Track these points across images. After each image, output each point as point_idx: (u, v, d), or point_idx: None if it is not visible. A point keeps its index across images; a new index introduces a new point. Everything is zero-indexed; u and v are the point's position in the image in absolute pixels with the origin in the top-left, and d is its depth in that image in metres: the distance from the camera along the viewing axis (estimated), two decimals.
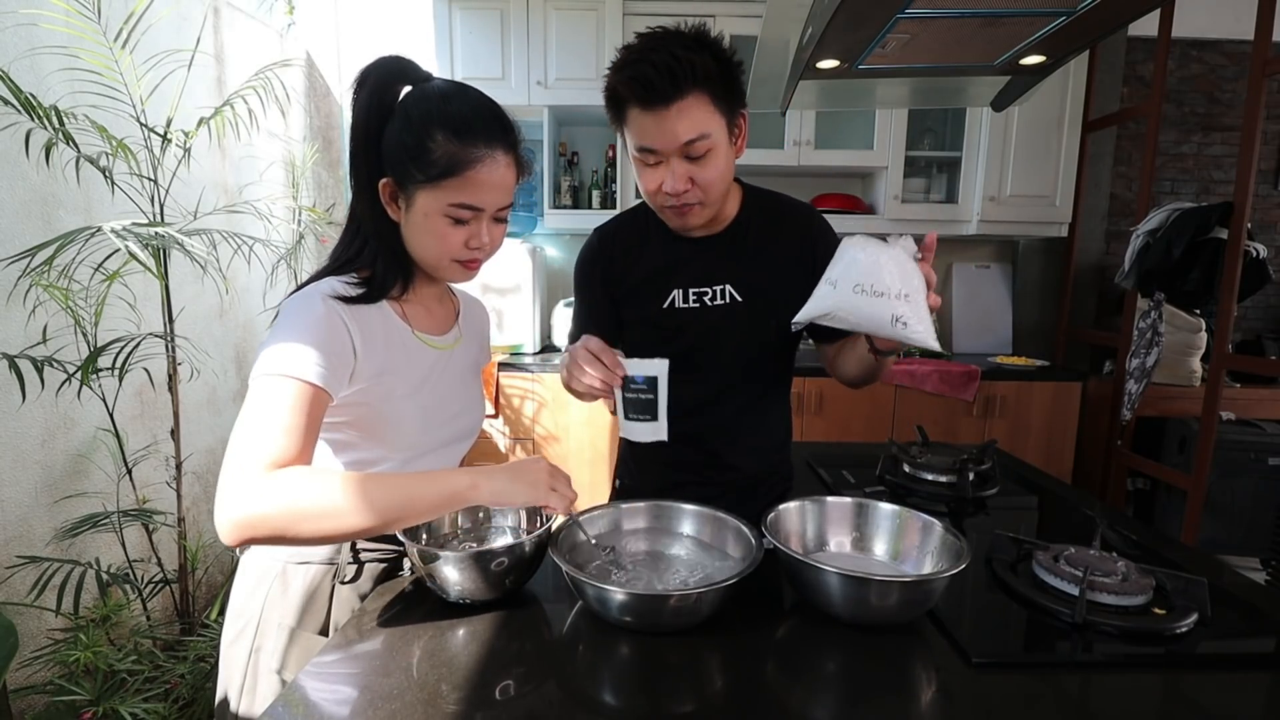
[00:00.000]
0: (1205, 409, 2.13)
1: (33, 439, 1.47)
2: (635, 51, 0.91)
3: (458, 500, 0.74)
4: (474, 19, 2.59)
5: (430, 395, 0.87)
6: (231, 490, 0.65)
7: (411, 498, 0.71)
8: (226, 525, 0.65)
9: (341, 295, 0.78)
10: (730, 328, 1.07)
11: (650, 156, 0.94)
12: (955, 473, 1.20)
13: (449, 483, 0.73)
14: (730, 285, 1.07)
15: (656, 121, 0.90)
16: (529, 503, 0.77)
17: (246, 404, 0.70)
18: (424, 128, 0.76)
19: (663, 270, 1.08)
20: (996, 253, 3.10)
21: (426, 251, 0.83)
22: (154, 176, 1.57)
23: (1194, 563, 0.92)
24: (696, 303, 1.07)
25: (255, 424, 0.68)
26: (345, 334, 0.76)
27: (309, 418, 0.71)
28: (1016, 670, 0.69)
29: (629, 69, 0.90)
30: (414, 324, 0.87)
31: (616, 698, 0.64)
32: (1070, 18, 0.93)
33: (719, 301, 1.07)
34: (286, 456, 0.68)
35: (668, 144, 0.91)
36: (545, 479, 0.77)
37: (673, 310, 1.07)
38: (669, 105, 0.89)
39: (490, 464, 0.79)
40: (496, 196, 0.81)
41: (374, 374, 0.79)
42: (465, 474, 0.74)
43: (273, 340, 0.73)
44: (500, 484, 0.75)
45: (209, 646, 1.55)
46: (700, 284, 1.07)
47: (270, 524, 0.65)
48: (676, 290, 1.07)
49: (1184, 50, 2.99)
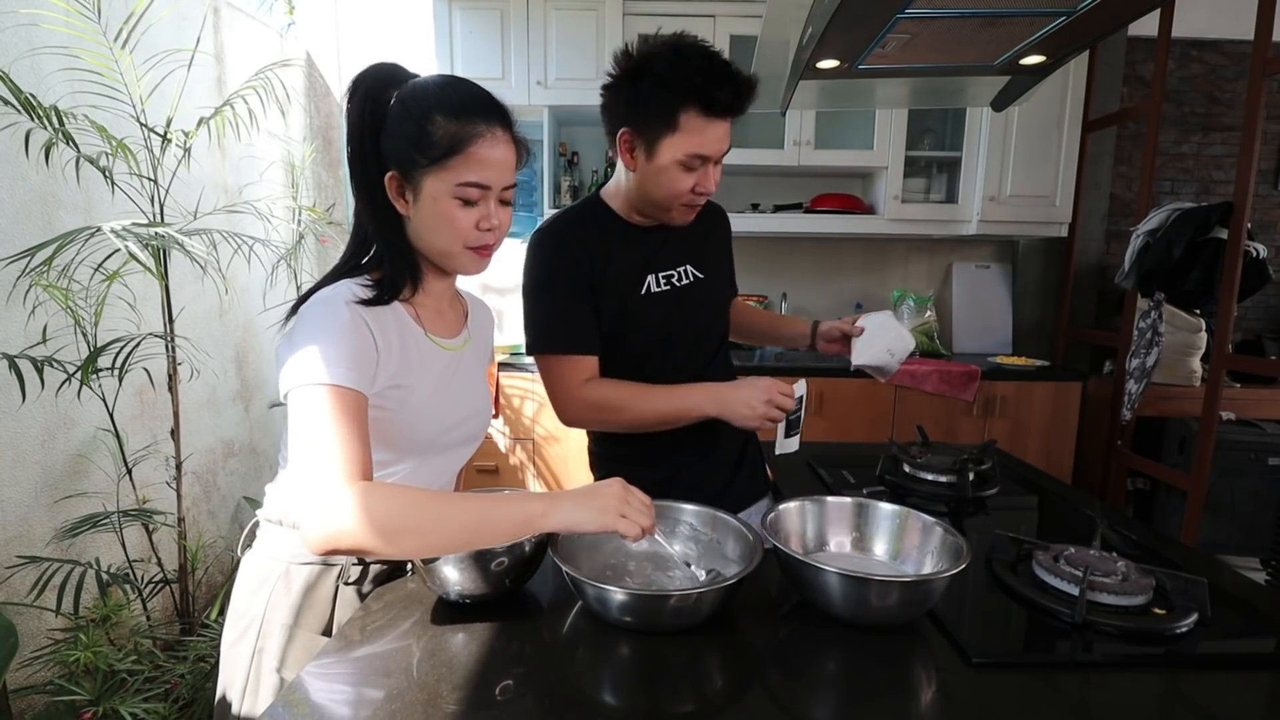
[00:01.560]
0: (1205, 409, 2.13)
1: (33, 439, 1.47)
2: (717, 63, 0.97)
3: (530, 528, 0.73)
4: (474, 19, 2.59)
5: (442, 398, 0.87)
6: (320, 503, 0.68)
7: (488, 522, 0.71)
8: (317, 537, 0.67)
9: (361, 299, 0.79)
10: (697, 304, 1.17)
11: (698, 161, 1.01)
12: (955, 473, 1.20)
13: (523, 509, 0.73)
14: (691, 265, 1.17)
15: (721, 130, 1.00)
16: (600, 530, 0.74)
17: (300, 416, 0.71)
18: (423, 114, 0.78)
19: (636, 258, 1.12)
20: (996, 253, 3.10)
21: (439, 239, 0.82)
22: (154, 176, 1.57)
23: (1194, 563, 0.92)
24: (667, 285, 1.14)
25: (321, 435, 0.70)
26: (370, 337, 0.77)
27: (361, 422, 0.73)
28: (1016, 670, 0.69)
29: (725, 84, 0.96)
30: (427, 326, 0.87)
31: (616, 698, 0.64)
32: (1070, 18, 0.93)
33: (685, 281, 1.16)
34: (360, 463, 0.70)
35: (718, 151, 1.02)
36: (615, 504, 0.74)
37: (649, 295, 1.12)
38: (724, 120, 1.00)
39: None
40: (500, 173, 0.81)
41: (391, 376, 0.80)
42: (539, 500, 0.74)
43: (302, 346, 0.73)
44: (571, 511, 0.73)
45: (209, 646, 1.55)
46: (668, 267, 1.14)
47: (355, 538, 0.67)
48: (650, 276, 1.12)
49: (1184, 50, 2.99)
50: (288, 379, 0.72)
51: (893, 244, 3.08)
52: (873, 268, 3.12)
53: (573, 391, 1.09)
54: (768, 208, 2.83)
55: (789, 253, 3.08)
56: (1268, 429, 2.47)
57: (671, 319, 1.14)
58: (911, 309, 2.92)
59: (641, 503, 0.76)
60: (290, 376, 0.72)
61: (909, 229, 2.77)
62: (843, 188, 2.94)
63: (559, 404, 1.12)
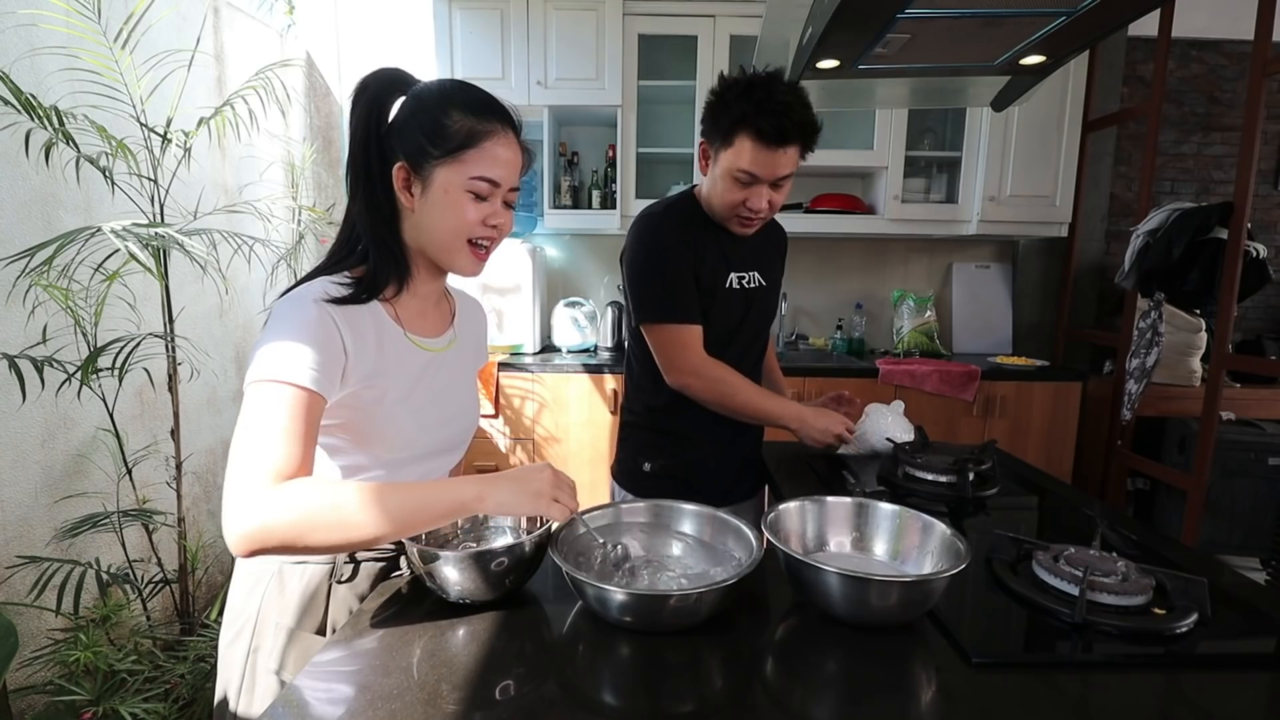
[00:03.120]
0: (1205, 409, 2.13)
1: (33, 439, 1.47)
2: (777, 99, 1.10)
3: (463, 510, 0.74)
4: (474, 19, 2.59)
5: (422, 399, 0.87)
6: (239, 502, 0.66)
7: (418, 508, 0.72)
8: (236, 537, 0.65)
9: (333, 297, 0.78)
10: (760, 306, 1.36)
11: (748, 178, 1.16)
12: (955, 473, 1.20)
13: (456, 493, 0.74)
14: (758, 272, 1.34)
15: (771, 157, 1.14)
16: (532, 513, 0.78)
17: (244, 411, 0.70)
18: (441, 108, 0.80)
19: (722, 256, 1.28)
20: (996, 253, 3.10)
21: (445, 231, 0.83)
22: (154, 176, 1.57)
23: (1194, 563, 0.92)
24: (739, 285, 1.31)
25: (256, 433, 0.69)
26: (336, 335, 0.76)
27: (308, 424, 0.71)
28: (1016, 670, 0.69)
29: (770, 116, 1.10)
30: (406, 325, 0.87)
31: (616, 698, 0.64)
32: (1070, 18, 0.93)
33: (753, 285, 1.33)
34: (290, 465, 0.69)
35: (769, 175, 1.16)
36: (548, 489, 0.77)
37: (729, 289, 1.29)
38: (782, 148, 1.13)
39: (496, 471, 0.80)
40: (510, 172, 0.84)
41: (365, 376, 0.79)
42: (472, 483, 0.75)
43: (265, 344, 0.73)
44: (504, 494, 0.75)
45: (209, 646, 1.55)
46: (742, 269, 1.31)
47: (279, 535, 0.66)
48: (732, 273, 1.30)
49: (1184, 50, 2.99)
50: (249, 374, 0.72)
51: (893, 244, 3.08)
52: (873, 268, 3.11)
53: (695, 358, 1.25)
54: None
55: (789, 253, 3.08)
56: (1268, 429, 2.47)
57: (741, 316, 1.32)
58: (911, 309, 2.92)
59: (570, 486, 0.81)
60: (250, 371, 0.72)
61: (909, 229, 2.77)
62: (843, 188, 2.94)
63: (678, 365, 1.26)
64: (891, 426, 1.37)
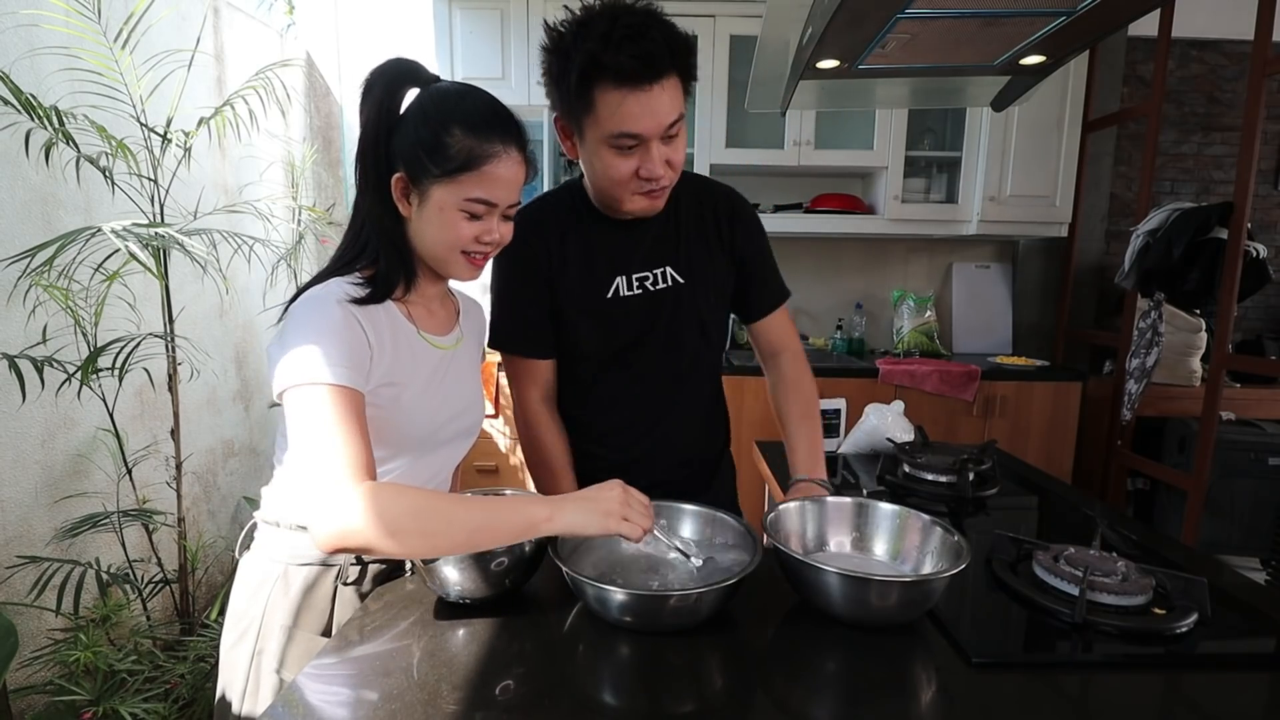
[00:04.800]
0: (1205, 409, 2.12)
1: (33, 439, 1.47)
2: (621, 26, 0.84)
3: (533, 531, 0.74)
4: (474, 19, 2.59)
5: (436, 395, 0.87)
6: (329, 501, 0.68)
7: (493, 524, 0.72)
8: (326, 535, 0.68)
9: (353, 298, 0.79)
10: (674, 310, 1.06)
11: (628, 140, 0.89)
12: (955, 473, 1.20)
13: (529, 512, 0.74)
14: (670, 267, 1.05)
15: (645, 101, 0.86)
16: (603, 533, 0.76)
17: (300, 416, 0.71)
18: (441, 123, 0.78)
19: (603, 257, 1.04)
20: (996, 253, 3.10)
21: (437, 245, 0.83)
22: (154, 176, 1.57)
23: (1194, 563, 0.92)
24: (639, 289, 1.04)
25: (324, 435, 0.70)
26: (361, 334, 0.77)
27: (360, 418, 0.73)
28: (1016, 670, 0.69)
29: (621, 50, 0.83)
30: (419, 324, 0.87)
31: (616, 698, 0.64)
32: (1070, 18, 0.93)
33: (661, 285, 1.05)
34: (364, 462, 0.71)
35: (653, 127, 0.88)
36: (618, 508, 0.76)
37: (617, 299, 1.04)
38: (652, 87, 0.86)
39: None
40: (509, 192, 0.82)
41: (385, 374, 0.80)
42: (543, 504, 0.75)
43: (296, 346, 0.73)
44: (574, 515, 0.75)
45: (209, 646, 1.55)
46: (642, 268, 1.04)
47: (363, 537, 0.67)
48: (620, 277, 1.04)
49: (1184, 50, 2.99)
50: (283, 379, 0.72)
51: (893, 244, 3.08)
52: (873, 268, 3.11)
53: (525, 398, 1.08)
54: (768, 208, 2.83)
55: (789, 253, 3.08)
56: (1268, 429, 2.47)
57: (642, 329, 1.05)
58: (911, 309, 2.92)
59: (642, 504, 0.78)
60: (286, 376, 0.72)
61: (909, 229, 2.77)
62: (843, 188, 2.94)
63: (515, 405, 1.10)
64: (891, 426, 1.37)
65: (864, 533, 0.90)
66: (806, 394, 1.15)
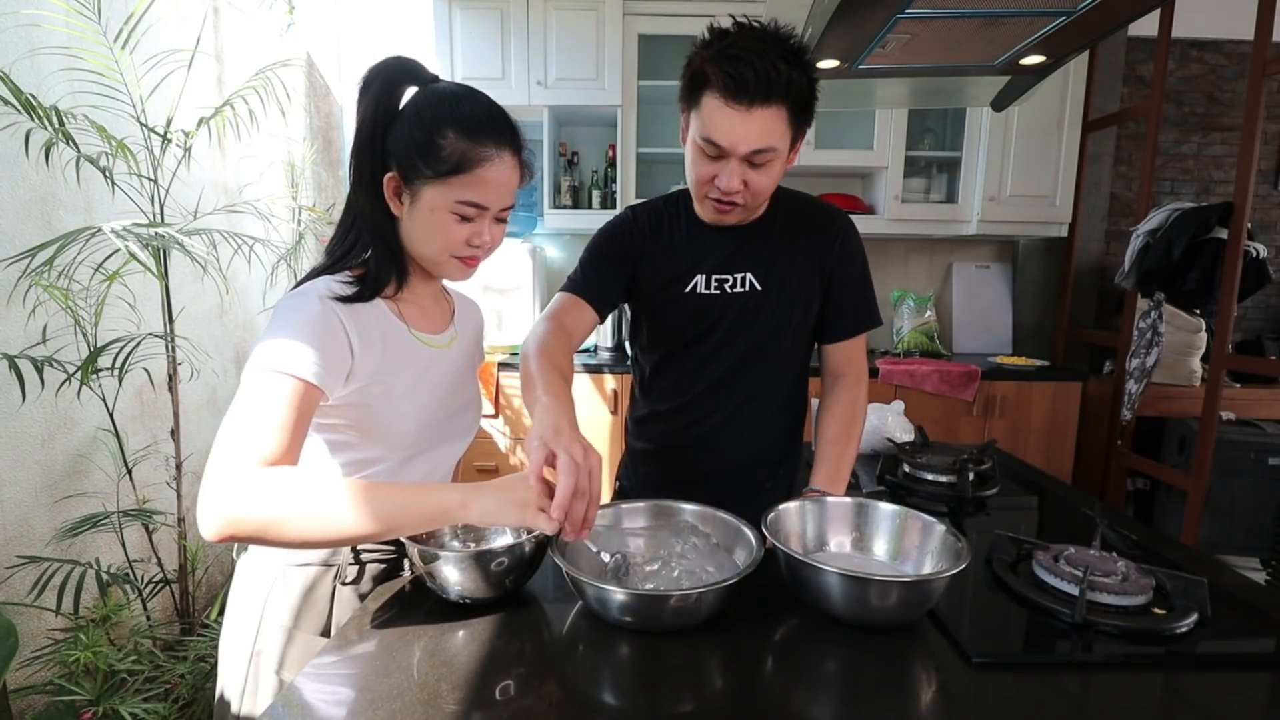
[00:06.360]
0: (1205, 409, 2.13)
1: (33, 439, 1.47)
2: (739, 46, 0.90)
3: (446, 518, 0.73)
4: (474, 19, 2.59)
5: (428, 394, 0.87)
6: (219, 485, 0.65)
7: (399, 511, 0.70)
8: (211, 520, 0.64)
9: (338, 295, 0.78)
10: (748, 314, 1.10)
11: (712, 148, 0.94)
12: (955, 473, 1.20)
13: (439, 499, 0.72)
14: (751, 274, 1.10)
15: (733, 120, 0.91)
16: (516, 524, 0.75)
17: (239, 398, 0.70)
18: (436, 125, 0.78)
19: (688, 255, 1.10)
20: (996, 253, 3.10)
21: (427, 246, 0.83)
22: (154, 176, 1.57)
23: (1194, 563, 0.92)
24: (718, 289, 1.10)
25: (247, 419, 0.69)
26: (342, 333, 0.76)
27: (300, 414, 0.71)
28: (1016, 670, 0.69)
29: (729, 63, 0.89)
30: (410, 323, 0.87)
31: (616, 698, 0.64)
32: (1070, 18, 0.93)
33: (739, 289, 1.10)
34: (276, 453, 0.68)
35: (735, 144, 0.92)
36: (533, 499, 0.72)
37: (694, 294, 1.10)
38: (750, 109, 0.90)
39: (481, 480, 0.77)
40: (501, 196, 0.82)
41: (371, 373, 0.80)
42: (456, 491, 0.73)
43: (268, 337, 0.73)
44: (488, 504, 0.73)
45: (209, 646, 1.55)
46: (723, 270, 1.09)
47: (254, 523, 0.65)
48: (699, 275, 1.10)
49: (1184, 50, 2.99)
50: (249, 364, 0.72)
51: (893, 244, 3.08)
52: (873, 267, 3.09)
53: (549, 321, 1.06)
54: None
55: None
56: (1268, 429, 2.47)
57: (708, 325, 1.10)
58: (911, 309, 2.92)
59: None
60: (250, 362, 0.71)
61: (909, 229, 2.77)
62: (843, 188, 2.94)
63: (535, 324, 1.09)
64: (891, 426, 1.36)
65: (864, 533, 0.90)
66: (853, 418, 1.12)
